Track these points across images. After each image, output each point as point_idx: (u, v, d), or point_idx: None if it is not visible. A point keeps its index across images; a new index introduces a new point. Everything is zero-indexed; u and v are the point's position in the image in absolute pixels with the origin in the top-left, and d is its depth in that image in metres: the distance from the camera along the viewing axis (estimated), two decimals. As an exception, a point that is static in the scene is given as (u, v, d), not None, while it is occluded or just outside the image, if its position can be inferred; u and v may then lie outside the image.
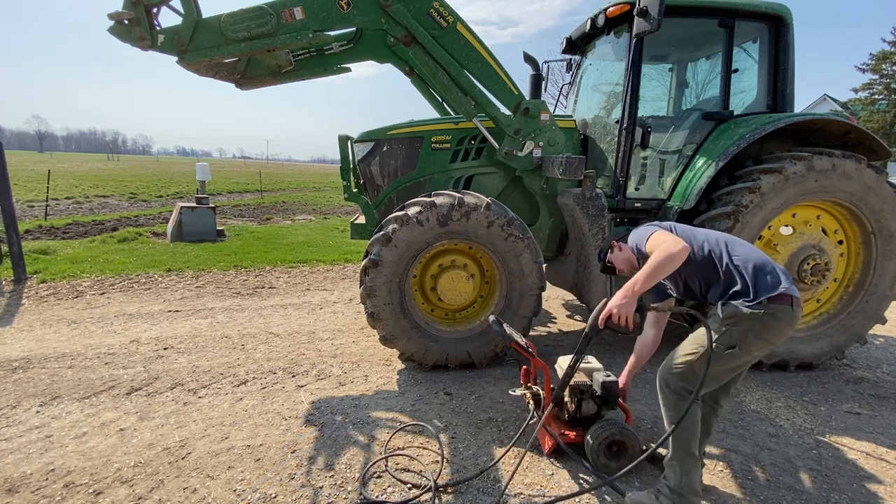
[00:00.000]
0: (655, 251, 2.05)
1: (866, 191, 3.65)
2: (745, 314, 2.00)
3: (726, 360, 2.05)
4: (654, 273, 2.00)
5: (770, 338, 2.02)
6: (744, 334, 2.01)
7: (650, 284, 2.03)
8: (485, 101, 3.79)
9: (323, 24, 3.33)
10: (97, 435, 2.80)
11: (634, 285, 2.01)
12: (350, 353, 4.16)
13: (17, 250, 6.10)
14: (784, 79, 4.04)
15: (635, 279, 2.02)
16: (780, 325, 2.00)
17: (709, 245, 2.18)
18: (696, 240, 2.21)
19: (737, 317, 2.02)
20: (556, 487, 2.43)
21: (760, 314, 1.97)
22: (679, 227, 2.33)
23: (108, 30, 3.13)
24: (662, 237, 2.13)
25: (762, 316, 1.97)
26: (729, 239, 2.22)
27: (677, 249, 1.99)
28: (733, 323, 2.03)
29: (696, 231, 2.31)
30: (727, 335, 2.04)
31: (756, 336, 2.01)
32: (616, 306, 2.02)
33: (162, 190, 22.81)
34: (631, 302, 2.01)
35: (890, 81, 26.71)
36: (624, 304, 2.01)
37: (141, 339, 4.34)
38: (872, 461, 2.77)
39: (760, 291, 1.99)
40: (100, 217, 12.78)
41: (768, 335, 2.01)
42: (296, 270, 7.23)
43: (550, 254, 4.41)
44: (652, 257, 2.03)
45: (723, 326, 2.06)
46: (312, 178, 43.74)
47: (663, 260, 1.98)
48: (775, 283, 2.00)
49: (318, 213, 16.16)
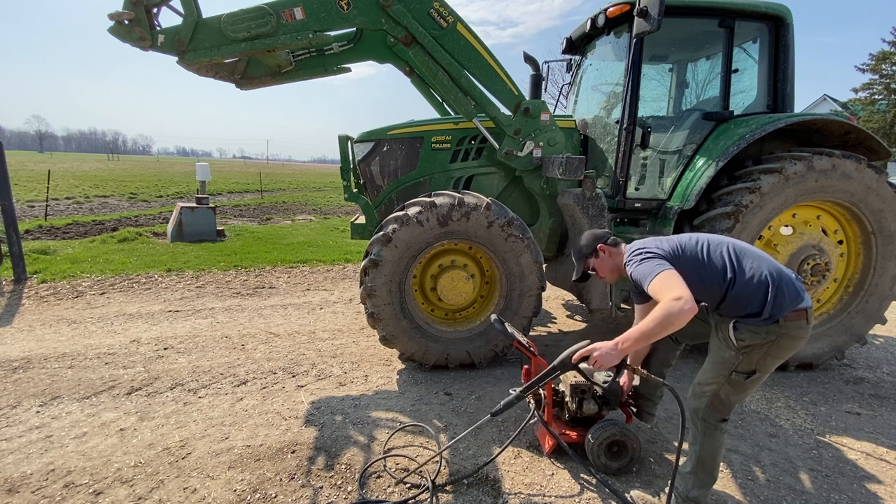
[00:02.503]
0: (659, 306, 1.81)
1: (866, 191, 3.65)
2: (760, 342, 1.93)
3: (751, 385, 2.01)
4: (649, 335, 1.83)
5: (787, 354, 1.98)
6: (762, 358, 1.96)
7: (641, 345, 1.92)
8: (485, 102, 3.79)
9: (323, 25, 3.33)
10: (97, 435, 2.80)
11: (624, 343, 1.89)
12: (350, 353, 4.16)
13: (18, 250, 6.10)
14: (784, 79, 4.04)
15: (627, 336, 1.89)
16: (797, 342, 1.96)
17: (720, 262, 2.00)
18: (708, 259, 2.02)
19: (752, 346, 1.94)
20: (556, 487, 2.43)
21: (776, 338, 1.91)
22: (687, 249, 2.06)
23: (109, 30, 3.12)
24: (668, 283, 1.87)
25: (778, 338, 1.92)
26: (739, 250, 2.03)
27: (681, 311, 1.75)
28: (749, 351, 1.96)
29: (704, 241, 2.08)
30: (745, 363, 1.97)
31: (774, 357, 1.96)
32: (599, 354, 1.92)
33: (162, 190, 22.80)
34: (615, 358, 1.92)
35: (890, 81, 26.71)
36: (607, 356, 1.91)
37: (141, 339, 4.34)
38: (872, 461, 2.77)
39: (776, 311, 1.89)
40: (100, 217, 12.78)
41: (785, 353, 1.97)
42: (296, 270, 7.23)
43: (550, 254, 4.41)
44: (652, 316, 1.81)
45: (739, 356, 1.98)
46: (312, 178, 43.74)
47: (662, 324, 1.78)
48: (792, 301, 1.90)
49: (318, 213, 16.16)
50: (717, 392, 2.03)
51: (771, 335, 1.92)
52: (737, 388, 2.01)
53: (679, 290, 1.82)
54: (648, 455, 2.71)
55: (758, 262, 1.99)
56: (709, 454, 2.07)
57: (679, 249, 2.06)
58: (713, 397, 2.05)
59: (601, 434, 2.47)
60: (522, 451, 2.73)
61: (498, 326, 2.82)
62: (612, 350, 1.92)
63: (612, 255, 2.34)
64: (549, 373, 2.18)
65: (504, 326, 2.83)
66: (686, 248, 2.07)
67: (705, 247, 2.06)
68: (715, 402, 2.05)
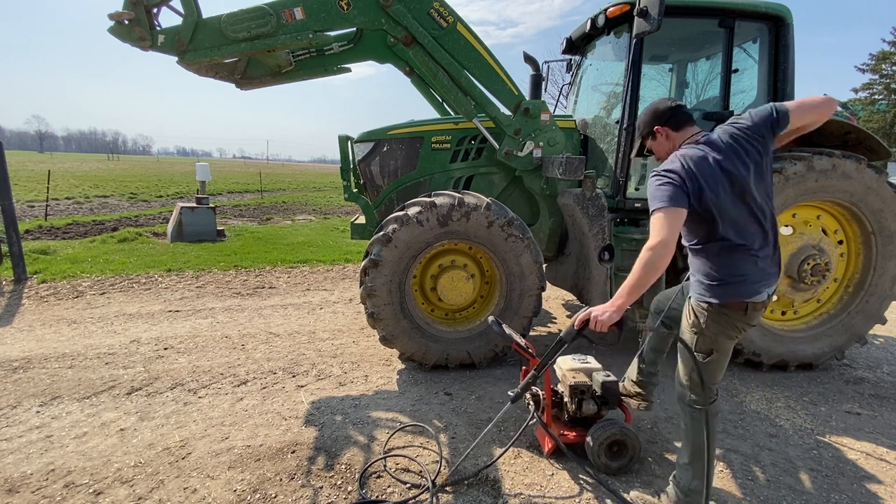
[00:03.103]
0: (640, 255, 1.87)
1: (866, 191, 3.65)
2: (701, 324, 2.00)
3: (716, 363, 2.05)
4: (638, 285, 1.89)
5: (736, 333, 2.01)
6: (713, 338, 2.01)
7: (634, 298, 1.94)
8: (485, 102, 3.80)
9: (323, 25, 3.34)
10: (97, 435, 2.80)
11: (619, 299, 1.93)
12: (350, 353, 4.16)
13: (18, 250, 6.11)
14: (784, 79, 4.03)
15: (620, 292, 1.94)
16: (740, 324, 1.98)
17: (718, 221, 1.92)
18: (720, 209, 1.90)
19: (697, 326, 2.02)
20: (555, 487, 2.43)
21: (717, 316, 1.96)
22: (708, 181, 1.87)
23: (109, 30, 3.13)
24: (660, 224, 1.85)
25: (718, 318, 1.97)
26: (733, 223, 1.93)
27: (660, 257, 1.81)
28: (699, 332, 2.03)
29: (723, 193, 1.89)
30: (701, 343, 2.03)
31: (725, 336, 2.00)
32: (597, 315, 1.97)
33: (162, 190, 22.81)
34: (613, 315, 1.95)
35: (890, 81, 26.74)
36: (606, 317, 1.95)
37: (141, 339, 4.35)
38: (873, 461, 2.76)
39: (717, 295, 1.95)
40: (100, 217, 12.79)
41: (734, 331, 2.00)
42: (296, 270, 7.23)
43: (550, 254, 4.41)
44: (635, 267, 1.88)
45: (693, 335, 2.05)
46: (312, 178, 43.75)
47: (646, 272, 1.85)
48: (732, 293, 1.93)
49: (318, 213, 16.17)
50: (690, 375, 2.07)
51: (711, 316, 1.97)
52: (704, 369, 2.03)
53: (663, 233, 1.83)
54: (648, 455, 2.71)
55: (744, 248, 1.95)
56: (700, 440, 2.07)
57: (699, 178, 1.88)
58: (690, 381, 2.09)
59: (601, 434, 2.47)
60: (522, 451, 2.73)
61: (495, 328, 2.82)
62: (609, 308, 1.96)
63: (671, 139, 2.12)
64: (559, 345, 2.22)
65: (502, 328, 2.82)
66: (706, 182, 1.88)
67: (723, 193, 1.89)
68: (693, 386, 2.08)
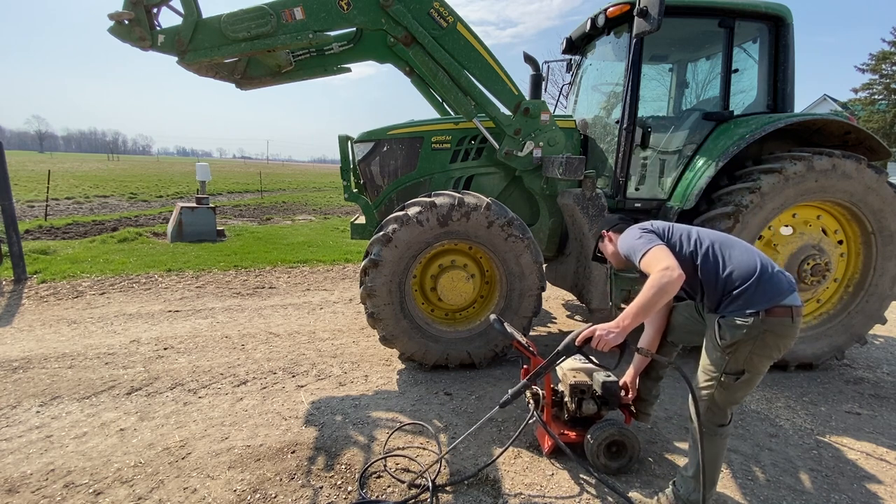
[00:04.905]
0: (649, 279, 1.90)
1: (866, 191, 3.65)
2: (743, 338, 1.89)
3: (742, 386, 1.97)
4: (645, 308, 1.89)
5: (775, 354, 1.93)
6: (749, 358, 1.92)
7: (641, 320, 1.94)
8: (485, 102, 3.80)
9: (323, 25, 3.33)
10: (97, 435, 2.80)
11: (625, 320, 1.92)
12: (350, 353, 4.16)
13: (18, 250, 6.10)
14: (784, 79, 4.04)
15: (626, 313, 1.93)
16: (782, 340, 1.90)
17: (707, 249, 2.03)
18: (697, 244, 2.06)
19: (736, 343, 1.91)
20: (556, 487, 2.43)
21: (758, 334, 1.87)
22: (677, 229, 2.16)
23: (109, 30, 3.12)
24: (658, 256, 1.95)
25: (762, 335, 1.87)
26: (725, 243, 2.06)
27: (670, 280, 1.85)
28: (734, 350, 1.92)
29: (694, 233, 2.13)
30: (732, 363, 1.94)
31: (760, 356, 1.92)
32: (601, 334, 1.95)
33: (162, 190, 22.80)
34: (618, 336, 1.94)
35: (890, 81, 26.72)
36: (611, 337, 1.94)
37: (141, 339, 4.35)
38: (872, 461, 2.77)
39: (755, 304, 1.88)
40: (100, 217, 12.78)
41: (773, 352, 1.92)
42: (296, 270, 7.23)
43: (550, 254, 4.41)
44: (644, 289, 1.89)
45: (725, 356, 1.95)
46: (312, 178, 43.74)
47: (655, 294, 1.86)
48: (775, 296, 1.88)
49: (318, 213, 16.16)
50: (712, 395, 2.02)
51: (753, 331, 1.87)
52: (729, 391, 1.98)
53: (667, 261, 1.92)
54: (648, 455, 2.71)
55: (747, 255, 1.99)
56: (709, 460, 2.04)
57: (668, 232, 2.15)
58: (709, 402, 2.03)
59: (600, 434, 2.47)
60: (522, 451, 2.73)
61: (497, 326, 2.82)
62: (613, 329, 1.94)
63: (613, 241, 2.35)
64: (555, 358, 2.20)
65: (503, 326, 2.83)
66: (674, 231, 2.16)
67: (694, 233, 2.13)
68: (711, 407, 2.03)
